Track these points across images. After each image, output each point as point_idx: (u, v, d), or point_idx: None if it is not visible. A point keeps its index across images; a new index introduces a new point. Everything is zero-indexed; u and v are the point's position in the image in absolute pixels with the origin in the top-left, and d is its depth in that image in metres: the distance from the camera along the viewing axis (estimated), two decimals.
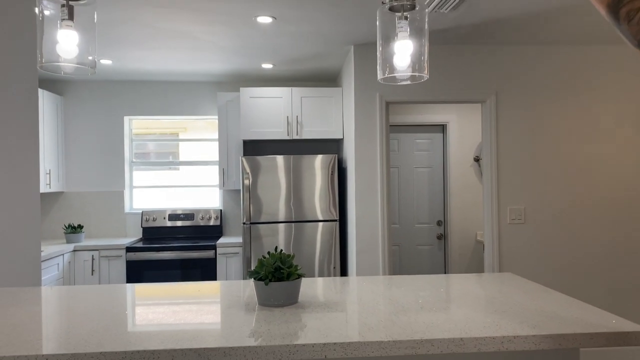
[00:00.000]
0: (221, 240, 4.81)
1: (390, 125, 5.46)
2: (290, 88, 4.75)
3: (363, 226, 3.97)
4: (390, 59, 1.84)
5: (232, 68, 4.72)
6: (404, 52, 1.81)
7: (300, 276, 1.74)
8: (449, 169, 5.45)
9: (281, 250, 1.81)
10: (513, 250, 3.98)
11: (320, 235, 4.55)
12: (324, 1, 2.98)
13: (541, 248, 3.98)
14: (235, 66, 4.65)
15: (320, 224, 4.56)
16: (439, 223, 5.49)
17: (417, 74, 1.82)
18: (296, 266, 1.73)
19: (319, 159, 4.54)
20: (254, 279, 1.72)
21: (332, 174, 4.55)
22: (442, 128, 5.52)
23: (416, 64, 1.82)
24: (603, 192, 4.02)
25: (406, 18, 1.81)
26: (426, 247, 5.49)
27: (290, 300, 1.74)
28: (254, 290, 1.98)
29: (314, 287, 2.04)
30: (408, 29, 1.81)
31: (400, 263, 5.45)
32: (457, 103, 4.05)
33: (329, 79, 5.38)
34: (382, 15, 1.85)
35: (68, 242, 4.72)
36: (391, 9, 1.83)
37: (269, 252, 1.76)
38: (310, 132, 4.77)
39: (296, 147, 5.37)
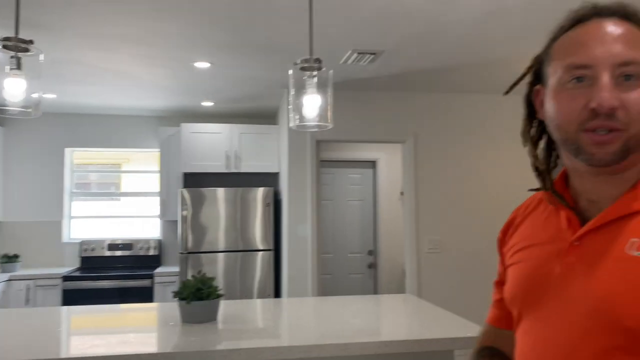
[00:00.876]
0: (159, 270, 4.96)
1: (325, 161, 5.83)
2: (229, 125, 5.04)
3: (294, 255, 4.26)
4: (301, 109, 2.17)
5: (173, 105, 4.98)
6: (311, 105, 2.15)
7: (219, 296, 2.00)
8: (378, 202, 5.85)
9: (204, 273, 2.07)
10: (431, 277, 4.36)
11: (259, 263, 4.78)
12: (256, 51, 3.33)
13: (456, 275, 4.38)
14: (176, 103, 4.91)
15: (259, 253, 4.80)
16: (369, 253, 5.85)
17: (322, 123, 2.17)
18: (216, 287, 2.00)
19: (256, 191, 4.82)
20: (178, 298, 1.97)
21: (269, 205, 4.83)
22: (372, 164, 5.94)
23: (322, 114, 2.17)
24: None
25: (314, 77, 2.16)
26: (358, 275, 5.82)
27: (210, 317, 1.99)
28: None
29: (234, 307, 2.30)
30: (316, 86, 2.16)
31: (333, 291, 5.74)
32: (380, 143, 4.46)
33: (268, 116, 5.72)
34: (295, 73, 2.20)
35: (3, 271, 4.73)
36: (302, 68, 2.18)
37: (192, 275, 2.02)
38: (248, 165, 5.05)
39: (235, 180, 5.63)
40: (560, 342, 0.82)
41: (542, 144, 1.03)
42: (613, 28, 0.82)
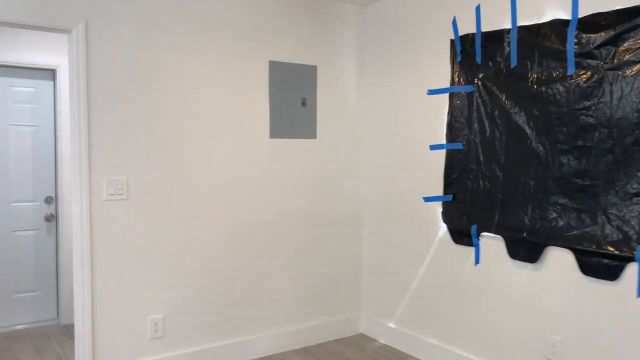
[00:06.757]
0: None
1: None
2: None
3: None
4: None
5: None
6: None
7: None
8: (61, 129, 4.16)
9: None
10: (109, 234, 3.01)
11: None
12: None
13: (148, 231, 3.12)
14: None
15: None
16: (48, 200, 4.18)
17: None
18: None
19: None
20: None
21: None
22: (52, 74, 4.17)
23: None
24: (232, 160, 3.38)
25: None
26: (29, 232, 4.13)
27: None
28: None
29: None
30: None
31: None
32: (24, 28, 2.80)
33: None
34: None
35: None
36: None
37: None
38: None
39: None
40: None
41: None
42: None
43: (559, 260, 2.73)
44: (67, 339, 3.85)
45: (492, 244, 3.07)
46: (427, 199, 3.45)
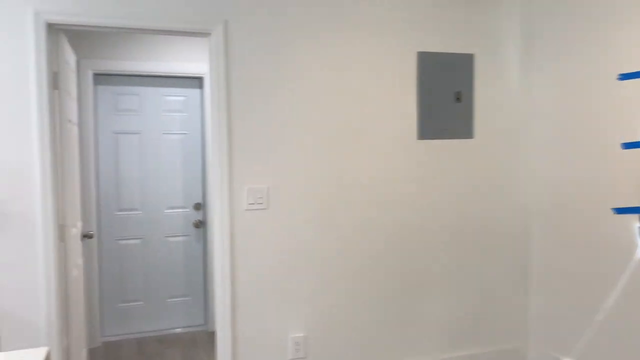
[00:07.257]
0: None
1: (125, 75, 4.02)
2: None
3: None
4: None
5: None
6: None
7: None
8: (208, 137, 4.20)
9: None
10: (249, 244, 2.85)
11: None
12: None
13: (288, 243, 2.91)
14: None
15: None
16: (197, 207, 4.24)
17: None
18: None
19: None
20: None
21: None
22: (199, 82, 4.23)
23: None
24: (377, 165, 3.06)
25: None
26: (180, 238, 4.22)
27: None
28: None
29: None
30: None
31: (145, 258, 4.11)
32: (163, 34, 2.75)
33: None
34: None
35: None
36: None
37: None
38: None
39: None
40: None
41: None
42: None
43: None
44: (213, 348, 3.84)
45: None
46: (618, 211, 2.77)
